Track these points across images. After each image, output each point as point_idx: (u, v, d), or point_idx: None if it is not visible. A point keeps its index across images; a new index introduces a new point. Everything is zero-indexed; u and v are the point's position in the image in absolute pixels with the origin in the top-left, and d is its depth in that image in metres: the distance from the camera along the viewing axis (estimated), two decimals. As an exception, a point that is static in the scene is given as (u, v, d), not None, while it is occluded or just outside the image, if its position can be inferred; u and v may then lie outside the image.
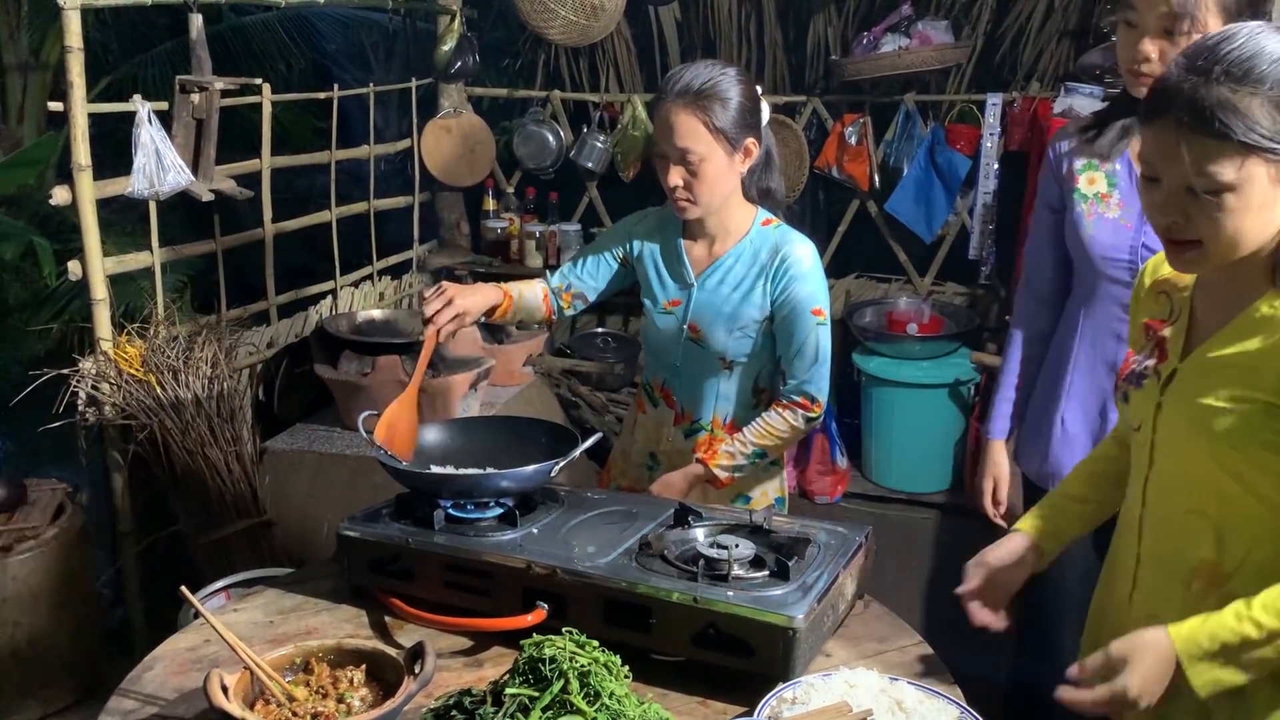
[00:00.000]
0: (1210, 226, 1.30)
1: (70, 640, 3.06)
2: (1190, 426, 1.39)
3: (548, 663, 1.34)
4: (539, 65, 4.95)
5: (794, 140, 4.54)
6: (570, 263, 2.28)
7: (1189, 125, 1.26)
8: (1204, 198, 1.28)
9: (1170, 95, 1.29)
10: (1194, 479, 1.41)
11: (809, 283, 2.10)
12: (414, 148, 4.82)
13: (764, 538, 1.71)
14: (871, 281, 4.86)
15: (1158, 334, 1.49)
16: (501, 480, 1.81)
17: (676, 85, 2.02)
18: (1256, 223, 1.29)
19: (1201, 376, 1.40)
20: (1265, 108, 1.25)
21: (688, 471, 2.13)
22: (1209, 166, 1.26)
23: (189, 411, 3.10)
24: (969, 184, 4.47)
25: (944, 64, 4.33)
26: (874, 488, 4.60)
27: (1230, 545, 1.38)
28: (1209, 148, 1.26)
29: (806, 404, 2.12)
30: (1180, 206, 1.31)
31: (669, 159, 2.04)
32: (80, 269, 3.00)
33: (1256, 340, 1.34)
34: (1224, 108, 1.24)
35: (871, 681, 1.45)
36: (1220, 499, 1.38)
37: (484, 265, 4.91)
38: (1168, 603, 1.44)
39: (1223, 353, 1.38)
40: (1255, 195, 1.27)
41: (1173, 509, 1.45)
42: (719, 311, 2.14)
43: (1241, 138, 1.24)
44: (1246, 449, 1.33)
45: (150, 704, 1.52)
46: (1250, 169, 1.26)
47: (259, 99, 3.70)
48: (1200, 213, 1.29)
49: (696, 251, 2.19)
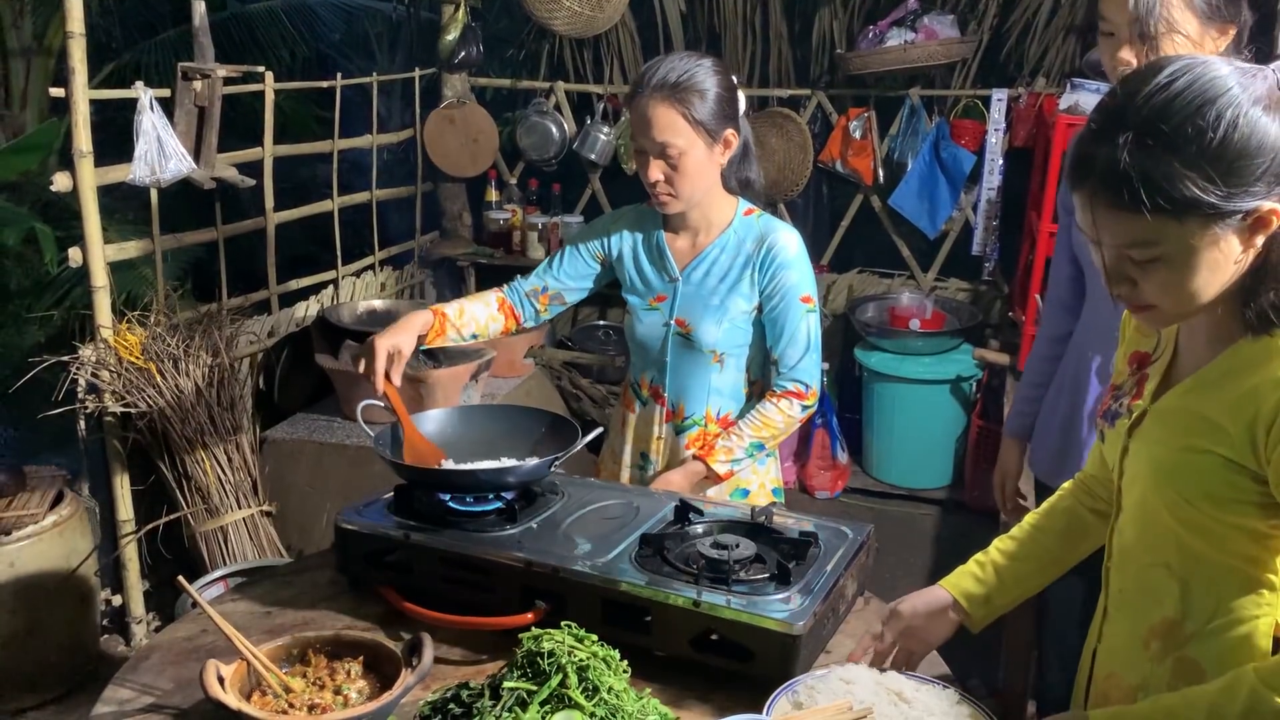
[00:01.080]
0: (1158, 293, 1.17)
1: (67, 627, 3.06)
2: (1150, 473, 1.28)
3: (546, 657, 1.33)
4: (543, 56, 4.94)
5: (798, 134, 4.53)
6: (545, 264, 2.24)
7: (1104, 199, 1.13)
8: (1145, 267, 1.16)
9: (1083, 164, 1.15)
10: (1156, 530, 1.29)
11: (796, 270, 2.09)
12: (417, 138, 4.81)
13: (765, 536, 1.70)
14: (874, 276, 4.86)
15: (1141, 369, 1.37)
16: (501, 475, 1.80)
17: (653, 79, 1.99)
18: (1210, 279, 1.15)
19: (1165, 422, 1.28)
20: (1187, 171, 1.09)
21: (688, 469, 2.12)
22: (1134, 238, 1.13)
23: (189, 400, 3.10)
24: (973, 180, 4.47)
25: (949, 59, 4.32)
26: (874, 483, 4.60)
27: (1195, 604, 1.27)
28: (1129, 220, 1.12)
29: (800, 392, 2.11)
30: (1124, 274, 1.18)
31: (648, 154, 2.03)
32: (81, 256, 2.99)
33: (1222, 390, 1.21)
34: (1140, 179, 1.09)
35: (865, 676, 1.45)
36: (1182, 553, 1.27)
37: (486, 256, 4.90)
38: (1127, 662, 1.35)
39: (1188, 399, 1.25)
40: (1198, 258, 1.13)
41: (1137, 561, 1.33)
42: (706, 304, 2.12)
43: (1161, 209, 1.10)
44: (1200, 504, 1.22)
45: (147, 693, 1.51)
46: (1183, 235, 1.11)
47: (261, 87, 3.69)
48: (1145, 279, 1.17)
49: (679, 245, 2.17)
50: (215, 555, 3.19)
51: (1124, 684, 1.35)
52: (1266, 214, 1.11)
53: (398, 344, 1.96)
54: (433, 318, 2.06)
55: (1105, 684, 1.39)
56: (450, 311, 2.10)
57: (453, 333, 2.10)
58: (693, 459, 2.13)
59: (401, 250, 4.81)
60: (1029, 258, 4.07)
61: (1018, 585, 1.53)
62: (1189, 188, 1.09)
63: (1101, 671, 1.40)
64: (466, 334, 2.14)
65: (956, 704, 1.40)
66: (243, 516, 3.20)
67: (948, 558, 4.05)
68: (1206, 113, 1.09)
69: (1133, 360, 1.40)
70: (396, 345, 1.95)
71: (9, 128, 5.11)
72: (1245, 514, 1.20)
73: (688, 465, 2.13)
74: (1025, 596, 1.55)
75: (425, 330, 2.04)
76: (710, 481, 2.12)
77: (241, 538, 3.18)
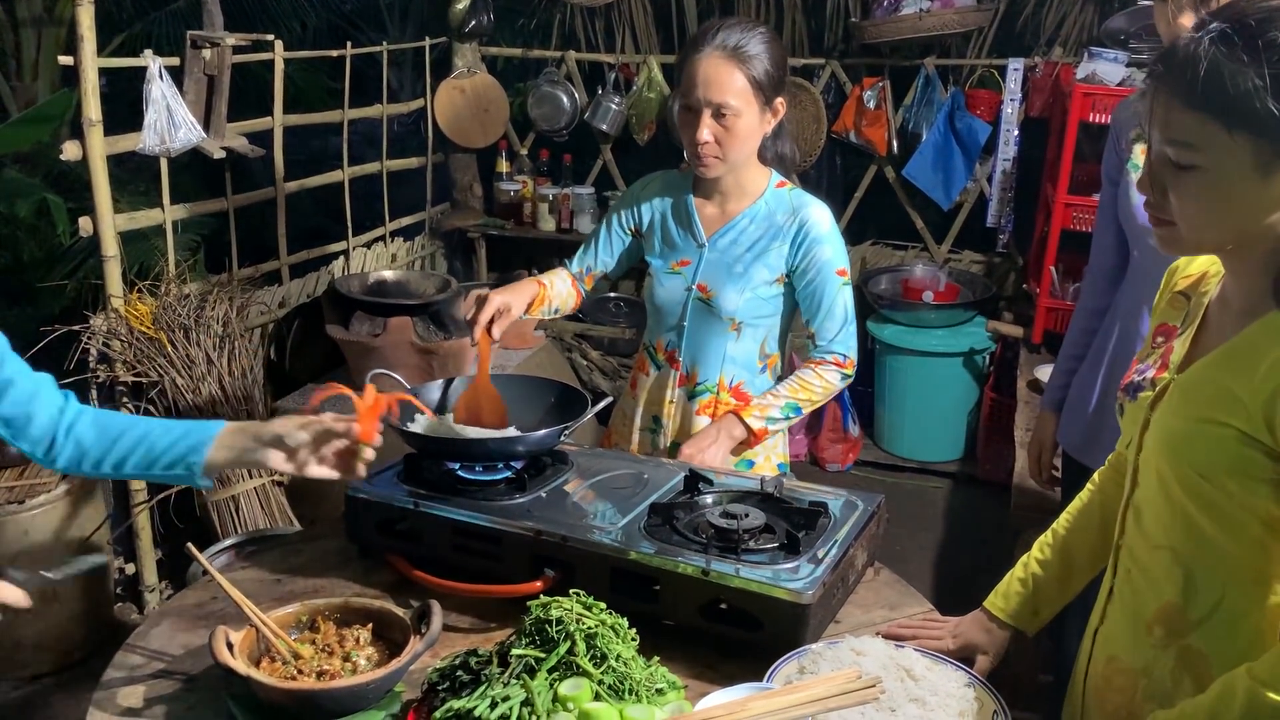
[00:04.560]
0: (1181, 207, 1.15)
1: (80, 594, 3.08)
2: (1164, 448, 1.25)
3: (554, 624, 1.33)
4: (554, 25, 4.90)
5: (812, 104, 4.49)
6: (583, 248, 2.30)
7: (1169, 86, 1.11)
8: (1180, 174, 1.13)
9: (1169, 51, 1.13)
10: (1168, 509, 1.26)
11: (830, 245, 2.10)
12: (427, 108, 4.78)
13: (775, 506, 1.69)
14: (888, 248, 4.82)
15: (1167, 342, 1.34)
16: (511, 444, 1.80)
17: (715, 38, 2.00)
18: (1235, 213, 1.12)
19: (1186, 394, 1.24)
20: (1256, 80, 1.06)
21: (722, 425, 2.07)
22: (1181, 134, 1.11)
23: (200, 369, 3.10)
24: (988, 150, 4.42)
25: (965, 28, 4.26)
26: (886, 456, 4.59)
27: (1200, 590, 1.24)
28: (1182, 114, 1.10)
29: (840, 362, 2.12)
30: (1159, 180, 1.16)
31: (699, 113, 2.02)
32: (91, 225, 2.99)
33: (1243, 363, 1.18)
34: (1210, 72, 1.07)
35: (879, 649, 1.44)
36: (1191, 535, 1.23)
37: (496, 228, 4.89)
38: (1129, 647, 1.32)
39: (1212, 371, 1.22)
40: (1231, 183, 1.10)
41: (1145, 541, 1.30)
42: (730, 271, 2.12)
43: (1217, 110, 1.07)
44: (1213, 478, 1.19)
45: (157, 659, 1.52)
46: (1228, 151, 1.09)
47: (271, 56, 3.67)
48: (1176, 189, 1.14)
49: (708, 211, 2.17)
50: (226, 524, 3.20)
51: (1126, 668, 1.32)
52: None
53: (509, 301, 2.02)
54: (538, 288, 2.15)
55: (1107, 667, 1.36)
56: (546, 283, 2.20)
57: (547, 305, 2.20)
58: (728, 414, 2.10)
59: (412, 221, 4.80)
60: (1044, 229, 4.03)
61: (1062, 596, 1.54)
62: (1252, 98, 1.06)
63: (1102, 654, 1.38)
64: (553, 308, 2.24)
65: (965, 686, 1.39)
66: (254, 486, 3.21)
67: (959, 531, 4.05)
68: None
69: (1159, 333, 1.38)
70: (507, 303, 2.02)
71: (21, 98, 5.11)
72: (1257, 492, 1.17)
73: (722, 421, 2.09)
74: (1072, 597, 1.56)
75: (532, 299, 2.13)
76: (745, 444, 2.10)
77: (253, 506, 3.20)
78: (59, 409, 1.54)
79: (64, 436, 1.53)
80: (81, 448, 1.53)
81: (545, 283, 2.20)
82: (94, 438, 1.54)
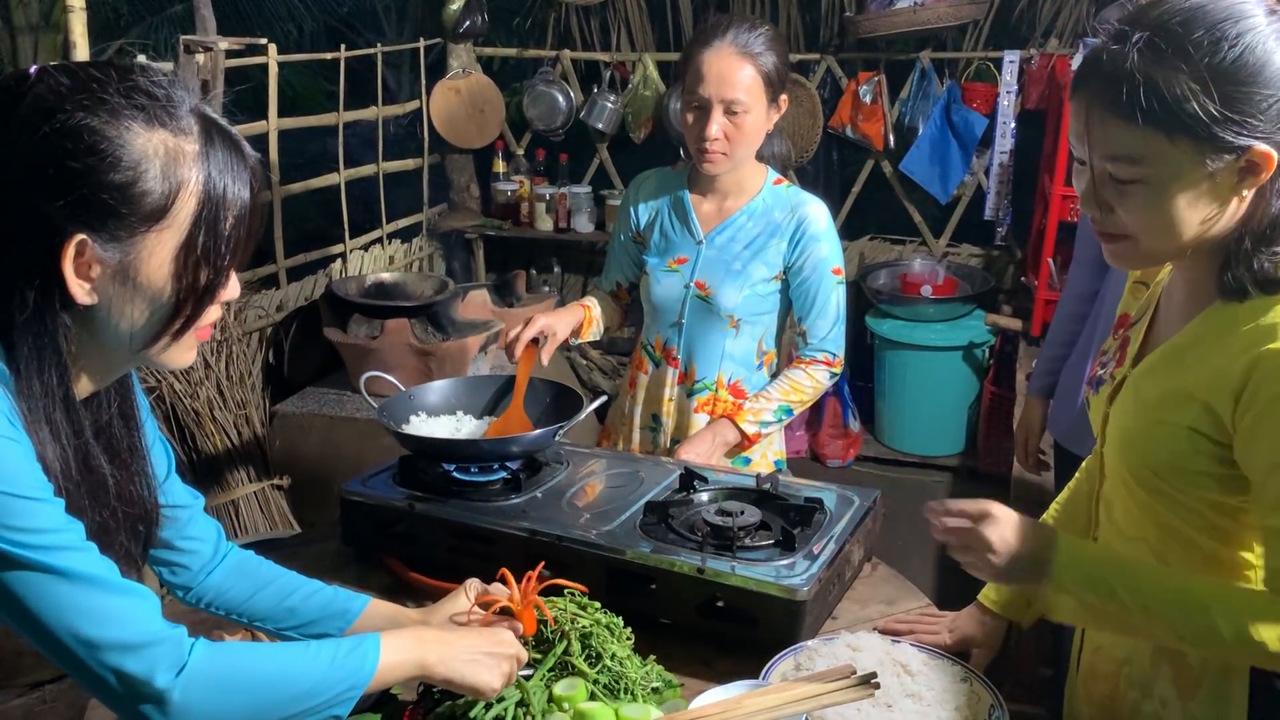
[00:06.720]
0: (1134, 221, 1.12)
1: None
2: (1120, 445, 1.24)
3: (549, 625, 1.33)
4: (549, 24, 4.90)
5: (807, 99, 4.49)
6: (605, 267, 2.35)
7: (1101, 101, 1.09)
8: (1125, 188, 1.10)
9: (1090, 63, 1.11)
10: (1132, 503, 1.25)
11: (826, 243, 2.10)
12: (423, 109, 4.78)
13: (770, 502, 1.69)
14: (885, 243, 4.82)
15: (1125, 333, 1.33)
16: (505, 445, 1.80)
17: (726, 34, 2.00)
18: (1189, 215, 1.10)
19: (1139, 393, 1.23)
20: (1191, 83, 1.04)
21: (716, 430, 2.08)
22: (1122, 149, 1.09)
23: (198, 373, 3.10)
24: (985, 143, 4.41)
25: (960, 20, 4.26)
26: (886, 451, 4.59)
27: None
28: (1120, 129, 1.08)
29: (829, 361, 2.13)
30: (1102, 196, 1.13)
31: (710, 109, 2.01)
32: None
33: (1193, 357, 1.16)
34: (1140, 83, 1.05)
35: (875, 645, 1.44)
36: (1157, 526, 1.23)
37: (494, 228, 4.89)
38: (1112, 637, 1.32)
39: (1159, 366, 1.21)
40: (1180, 187, 1.08)
41: (1118, 533, 1.29)
42: (729, 269, 2.12)
43: (1156, 120, 1.05)
44: (1165, 476, 1.18)
45: (154, 665, 1.51)
46: (1171, 157, 1.07)
47: (265, 59, 3.67)
48: (1123, 203, 1.11)
49: (705, 208, 2.16)
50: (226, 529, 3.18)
51: (1110, 657, 1.33)
52: (1260, 157, 1.06)
53: (553, 325, 2.08)
54: (583, 311, 2.22)
55: (1093, 657, 1.36)
56: (590, 305, 2.27)
57: (596, 327, 2.27)
58: (721, 418, 2.10)
59: (410, 223, 4.80)
60: (1042, 222, 4.03)
61: None
62: (1188, 102, 1.04)
63: (1090, 644, 1.38)
64: (601, 328, 2.30)
65: (961, 680, 1.38)
66: (253, 490, 3.21)
67: (960, 525, 4.03)
68: (1227, 30, 1.05)
69: (1120, 324, 1.36)
70: (552, 326, 2.07)
71: (17, 105, 5.11)
72: (1207, 487, 1.16)
73: (715, 425, 2.09)
74: None
75: (578, 323, 2.19)
76: (739, 448, 2.11)
77: (252, 511, 3.20)
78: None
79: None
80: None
81: (588, 303, 2.25)
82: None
